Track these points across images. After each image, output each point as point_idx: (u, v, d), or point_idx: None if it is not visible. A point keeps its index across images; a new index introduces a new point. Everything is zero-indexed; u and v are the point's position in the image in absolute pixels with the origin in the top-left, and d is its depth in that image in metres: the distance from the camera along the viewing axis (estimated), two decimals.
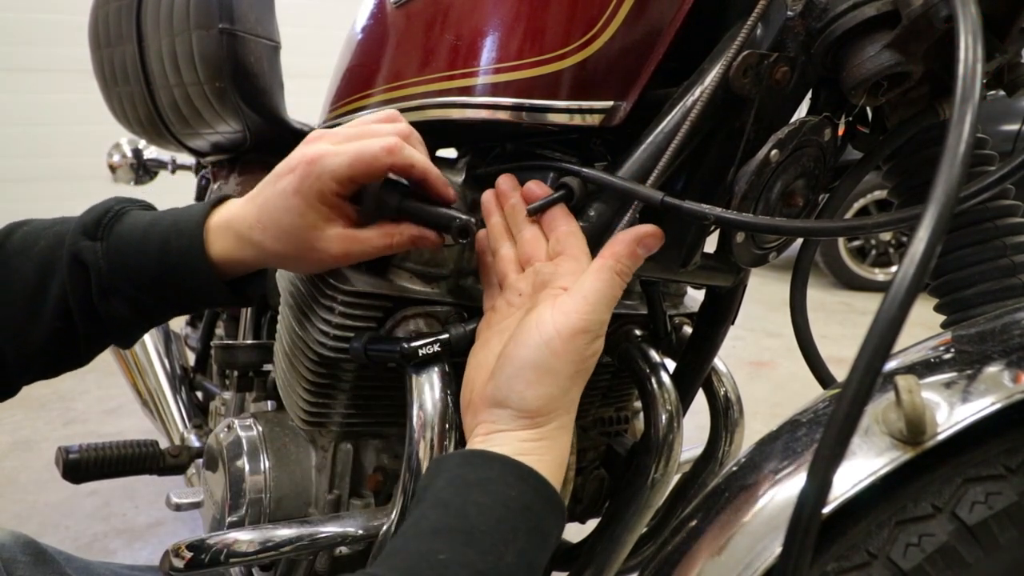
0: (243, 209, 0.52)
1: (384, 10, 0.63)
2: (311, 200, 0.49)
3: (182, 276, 0.51)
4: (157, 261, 0.51)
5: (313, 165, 0.48)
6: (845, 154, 0.57)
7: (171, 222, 0.52)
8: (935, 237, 0.29)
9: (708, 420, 0.80)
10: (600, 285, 0.46)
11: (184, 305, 0.56)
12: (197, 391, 1.34)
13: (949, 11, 0.37)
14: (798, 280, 0.60)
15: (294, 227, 0.49)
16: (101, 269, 0.50)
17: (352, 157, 0.48)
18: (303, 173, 0.49)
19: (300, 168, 0.49)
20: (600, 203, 0.52)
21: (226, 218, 0.52)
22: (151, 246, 0.51)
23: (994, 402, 0.37)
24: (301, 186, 0.49)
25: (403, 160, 0.49)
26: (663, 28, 0.51)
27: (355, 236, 0.51)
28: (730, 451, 0.79)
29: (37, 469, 1.79)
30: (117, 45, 1.10)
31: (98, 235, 0.51)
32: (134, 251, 0.51)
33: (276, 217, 0.50)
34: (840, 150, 0.55)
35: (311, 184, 0.48)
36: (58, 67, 3.93)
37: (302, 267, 0.54)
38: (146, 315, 0.54)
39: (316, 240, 0.50)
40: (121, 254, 0.51)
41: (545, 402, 0.46)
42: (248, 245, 0.51)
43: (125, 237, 0.51)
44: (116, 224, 0.52)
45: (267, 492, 0.64)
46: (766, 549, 0.39)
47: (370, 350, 0.55)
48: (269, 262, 0.53)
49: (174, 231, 0.51)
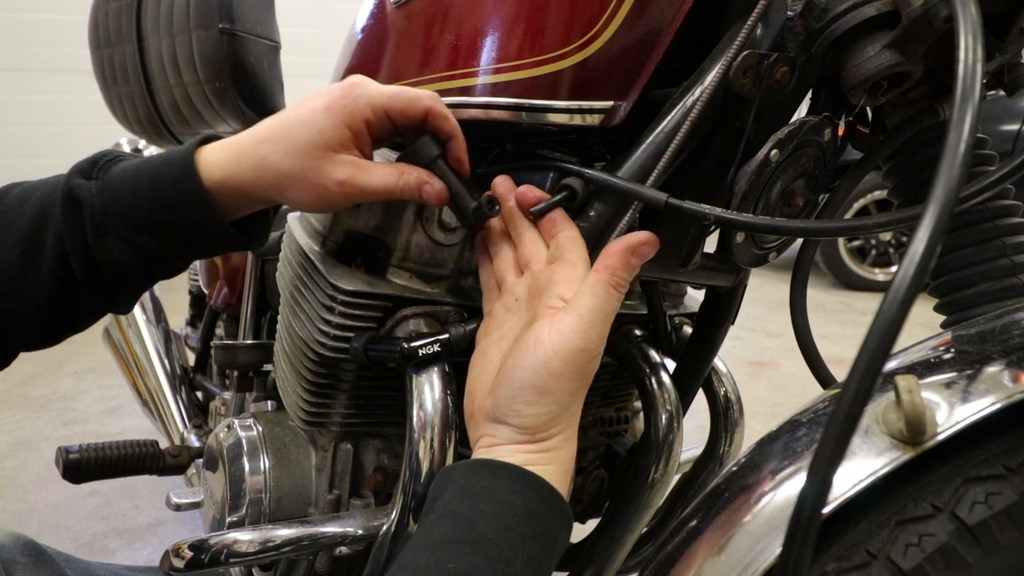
0: (253, 129, 0.50)
1: (384, 10, 0.63)
2: (338, 119, 0.48)
3: (175, 206, 0.48)
4: (150, 194, 0.48)
5: (354, 88, 0.48)
6: (845, 154, 0.57)
7: (164, 156, 0.50)
8: (935, 237, 0.29)
9: (708, 420, 0.80)
10: (596, 301, 0.46)
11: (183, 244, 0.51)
12: (197, 391, 1.34)
13: (949, 11, 0.37)
14: (798, 280, 0.60)
15: (309, 143, 0.48)
16: (95, 207, 0.47)
17: (395, 90, 0.48)
18: (340, 94, 0.48)
19: (338, 89, 0.48)
20: (600, 203, 0.52)
21: (228, 141, 0.50)
22: (143, 179, 0.48)
23: (994, 402, 0.37)
24: (333, 104, 0.48)
25: (441, 109, 0.49)
26: (663, 28, 0.51)
27: (365, 165, 0.50)
28: (730, 451, 0.79)
29: (37, 469, 1.79)
30: (117, 45, 1.10)
31: (93, 174, 0.49)
32: (127, 187, 0.48)
33: (292, 131, 0.48)
34: (840, 150, 0.55)
35: (345, 104, 0.48)
36: (58, 67, 3.93)
37: (298, 193, 0.50)
38: (145, 260, 0.50)
39: (325, 161, 0.48)
40: (114, 191, 0.48)
41: (545, 420, 0.45)
42: (248, 160, 0.49)
43: (119, 175, 0.49)
44: (113, 165, 0.50)
45: (267, 492, 0.64)
46: (766, 549, 0.39)
47: (370, 350, 0.55)
48: (265, 183, 0.49)
49: (165, 161, 0.49)
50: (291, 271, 0.63)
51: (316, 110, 0.48)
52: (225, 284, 1.14)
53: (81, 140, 3.82)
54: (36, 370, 2.48)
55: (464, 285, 0.61)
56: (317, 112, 0.48)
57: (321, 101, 0.48)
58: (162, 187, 0.48)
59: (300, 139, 0.48)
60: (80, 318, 0.52)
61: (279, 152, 0.48)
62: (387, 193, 0.50)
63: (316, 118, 0.48)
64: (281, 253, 0.69)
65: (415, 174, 0.50)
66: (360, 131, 0.49)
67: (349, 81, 0.49)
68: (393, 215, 0.58)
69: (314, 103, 0.49)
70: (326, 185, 0.49)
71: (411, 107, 0.49)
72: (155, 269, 0.52)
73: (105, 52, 1.14)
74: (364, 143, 0.50)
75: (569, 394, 0.46)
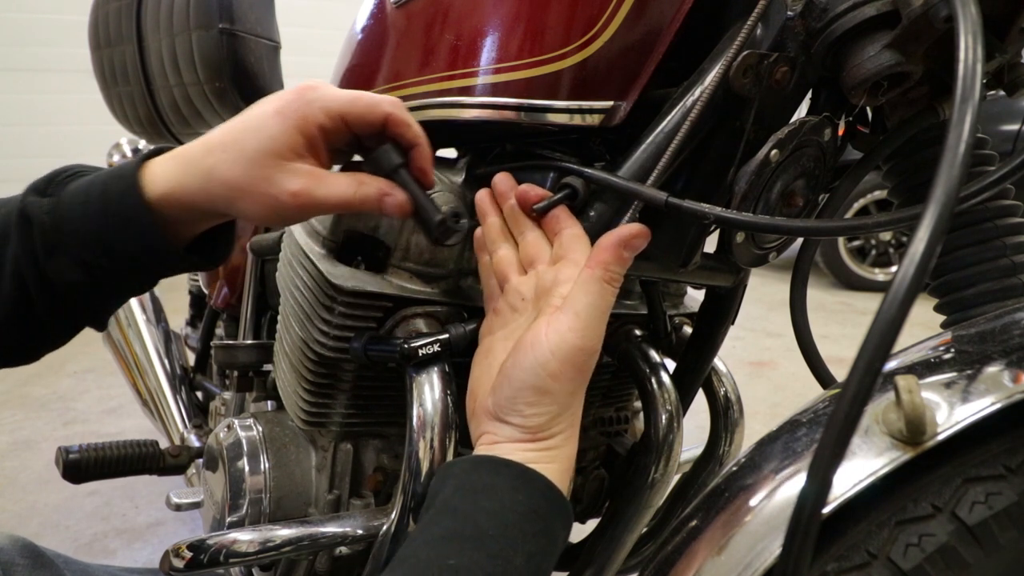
0: (204, 136, 0.46)
1: (384, 10, 0.63)
2: (290, 124, 0.44)
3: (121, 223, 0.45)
4: (98, 211, 0.45)
5: (308, 91, 0.45)
6: (845, 154, 0.57)
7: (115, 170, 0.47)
8: (935, 237, 0.29)
9: (708, 420, 0.80)
10: (590, 299, 0.45)
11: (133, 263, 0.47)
12: (197, 391, 1.34)
13: (949, 11, 0.37)
14: (798, 280, 0.60)
15: (258, 150, 0.44)
16: (45, 224, 0.45)
17: (353, 95, 0.46)
18: (293, 97, 0.45)
19: (291, 93, 0.45)
20: (600, 203, 0.52)
21: (180, 150, 0.47)
22: (93, 195, 0.46)
23: (994, 402, 0.37)
24: (285, 108, 0.44)
25: (402, 115, 0.47)
26: (663, 28, 0.51)
27: (320, 175, 0.46)
28: (730, 451, 0.79)
29: (37, 469, 1.79)
30: (117, 45, 1.10)
31: (48, 191, 0.46)
32: (78, 204, 0.45)
33: (242, 137, 0.45)
34: (840, 150, 0.55)
35: (298, 108, 0.44)
36: (58, 67, 3.93)
37: (249, 206, 0.46)
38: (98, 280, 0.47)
39: (276, 170, 0.45)
40: (65, 208, 0.45)
41: (546, 420, 0.45)
42: (195, 171, 0.45)
43: (72, 191, 0.46)
44: (71, 182, 0.47)
45: (267, 492, 0.64)
46: (766, 549, 0.39)
47: (370, 350, 0.55)
48: (214, 195, 0.45)
49: (115, 174, 0.46)
50: (291, 271, 0.63)
51: (267, 114, 0.45)
52: (225, 284, 1.14)
53: (81, 140, 3.84)
54: (36, 370, 2.48)
55: (464, 285, 0.61)
56: (268, 117, 0.45)
57: (272, 105, 0.45)
58: (109, 202, 0.45)
59: (249, 147, 0.45)
60: (48, 336, 0.49)
61: (227, 161, 0.45)
62: (345, 205, 0.47)
63: (266, 123, 0.45)
64: (281, 253, 0.69)
65: (375, 185, 0.48)
66: (314, 137, 0.46)
67: (304, 84, 0.46)
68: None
69: (265, 107, 0.45)
70: (278, 196, 0.45)
71: (370, 113, 0.46)
72: (111, 289, 0.49)
73: (105, 52, 1.14)
74: (319, 151, 0.47)
75: (569, 393, 0.46)
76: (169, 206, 0.46)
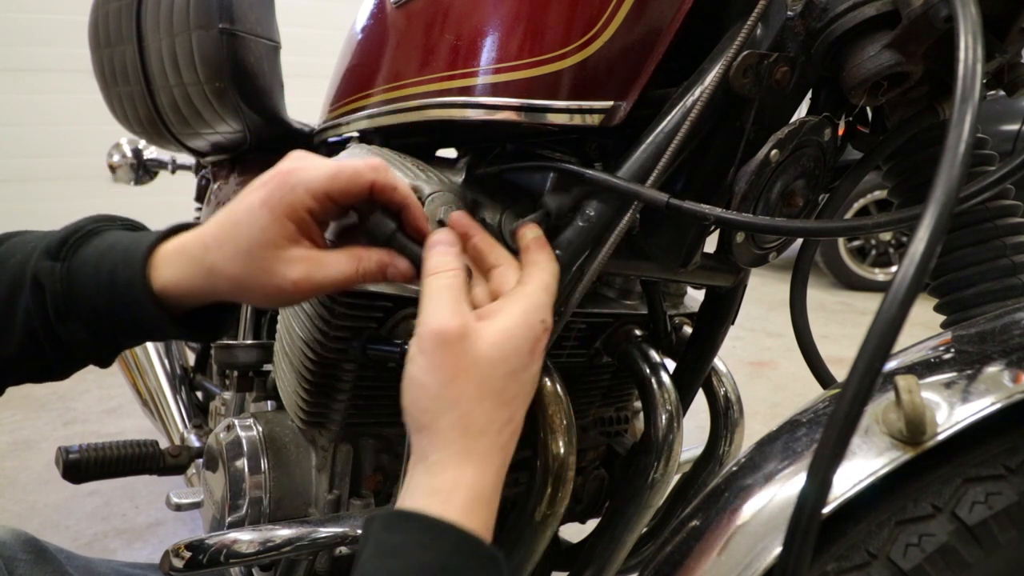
0: (201, 229, 0.48)
1: (384, 10, 0.63)
2: (278, 213, 0.45)
3: (128, 306, 0.47)
4: (107, 290, 0.47)
5: (289, 176, 0.45)
6: (845, 154, 0.57)
7: (124, 248, 0.48)
8: (935, 237, 0.29)
9: (708, 420, 0.80)
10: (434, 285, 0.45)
11: (140, 336, 0.51)
12: (197, 391, 1.34)
13: (949, 11, 0.37)
14: (798, 280, 0.60)
15: (252, 243, 0.45)
16: (57, 292, 0.47)
17: (333, 170, 0.45)
18: (276, 184, 0.45)
19: (273, 180, 0.45)
20: (600, 203, 0.52)
21: (182, 242, 0.48)
22: (103, 273, 0.47)
23: (994, 402, 0.37)
24: (271, 197, 0.45)
25: (386, 180, 0.47)
26: (663, 28, 0.51)
27: (318, 258, 0.47)
28: (730, 451, 0.79)
29: (37, 469, 1.79)
30: (117, 45, 1.10)
31: (60, 255, 0.48)
32: (89, 277, 0.47)
33: (235, 232, 0.45)
34: (840, 150, 0.55)
35: (283, 196, 0.45)
36: (58, 67, 3.93)
37: (255, 297, 0.48)
38: (107, 341, 0.50)
39: (274, 261, 0.45)
40: (76, 278, 0.47)
41: (414, 414, 0.43)
42: (199, 269, 0.47)
43: (84, 259, 0.48)
44: (82, 245, 0.48)
45: (267, 492, 0.64)
46: (766, 549, 0.39)
47: (370, 350, 0.55)
48: (219, 289, 0.47)
49: (123, 258, 0.47)
50: None
51: (254, 207, 0.45)
52: None
53: (81, 140, 3.84)
54: None
55: None
56: (255, 209, 0.45)
57: (258, 195, 0.45)
58: (117, 285, 0.47)
59: (244, 240, 0.45)
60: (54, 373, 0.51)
61: (226, 258, 0.46)
62: (348, 283, 0.48)
63: (255, 216, 0.45)
64: None
65: (374, 258, 0.48)
66: (304, 220, 0.46)
67: (284, 168, 0.46)
68: None
69: (251, 198, 0.46)
70: (280, 286, 0.46)
71: (353, 185, 0.46)
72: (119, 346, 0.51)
73: (105, 52, 1.14)
74: (313, 232, 0.47)
75: (439, 384, 0.42)
76: (175, 295, 0.47)
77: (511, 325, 0.44)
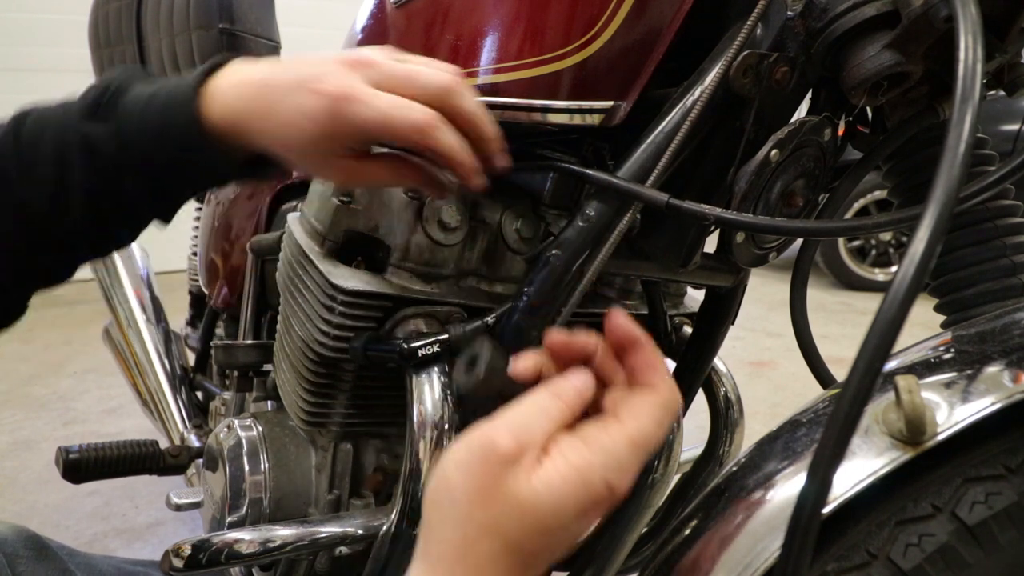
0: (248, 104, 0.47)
1: (384, 10, 0.63)
2: (326, 132, 0.45)
3: (183, 152, 0.49)
4: (157, 138, 0.48)
5: (342, 103, 0.44)
6: (845, 154, 0.57)
7: (169, 92, 0.48)
8: (935, 237, 0.29)
9: (708, 420, 0.80)
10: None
11: (196, 180, 0.53)
12: (197, 391, 1.34)
13: (949, 11, 0.37)
14: (798, 280, 0.60)
15: (300, 143, 0.46)
16: (110, 152, 0.48)
17: (382, 119, 0.44)
18: (329, 108, 0.45)
19: (328, 101, 0.45)
20: (600, 203, 0.52)
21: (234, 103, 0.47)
22: (150, 124, 0.48)
23: (994, 402, 0.37)
24: (320, 117, 0.45)
25: (431, 143, 0.46)
26: (663, 28, 0.51)
27: (357, 168, 0.49)
28: (730, 451, 0.79)
29: (37, 469, 1.79)
30: (117, 45, 1.10)
31: (102, 114, 0.48)
32: (137, 130, 0.48)
33: (284, 133, 0.46)
34: (840, 150, 0.55)
35: (334, 124, 0.45)
36: (58, 67, 3.92)
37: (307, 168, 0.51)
38: (167, 192, 0.52)
39: (321, 163, 0.48)
40: (127, 135, 0.48)
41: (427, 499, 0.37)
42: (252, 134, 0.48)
43: (128, 115, 0.48)
44: (119, 100, 0.48)
45: (267, 492, 0.64)
46: (766, 549, 0.39)
47: (370, 350, 0.55)
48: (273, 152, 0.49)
49: (170, 102, 0.48)
50: (291, 271, 0.63)
51: (303, 114, 0.45)
52: (225, 284, 1.14)
53: None
54: (36, 370, 2.48)
55: (464, 285, 0.61)
56: (304, 118, 0.45)
57: (312, 108, 0.45)
58: (169, 135, 0.48)
59: (293, 139, 0.47)
60: (127, 236, 0.54)
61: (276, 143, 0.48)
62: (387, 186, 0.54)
63: (302, 124, 0.46)
64: (281, 253, 0.69)
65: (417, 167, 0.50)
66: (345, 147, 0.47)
67: (341, 91, 0.45)
68: (393, 215, 0.58)
69: (305, 105, 0.45)
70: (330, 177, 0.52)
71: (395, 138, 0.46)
72: (179, 197, 0.53)
73: (105, 52, 1.14)
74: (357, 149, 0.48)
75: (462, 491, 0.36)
76: (231, 139, 0.48)
77: (568, 475, 0.35)
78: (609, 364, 0.43)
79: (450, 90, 0.46)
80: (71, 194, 0.48)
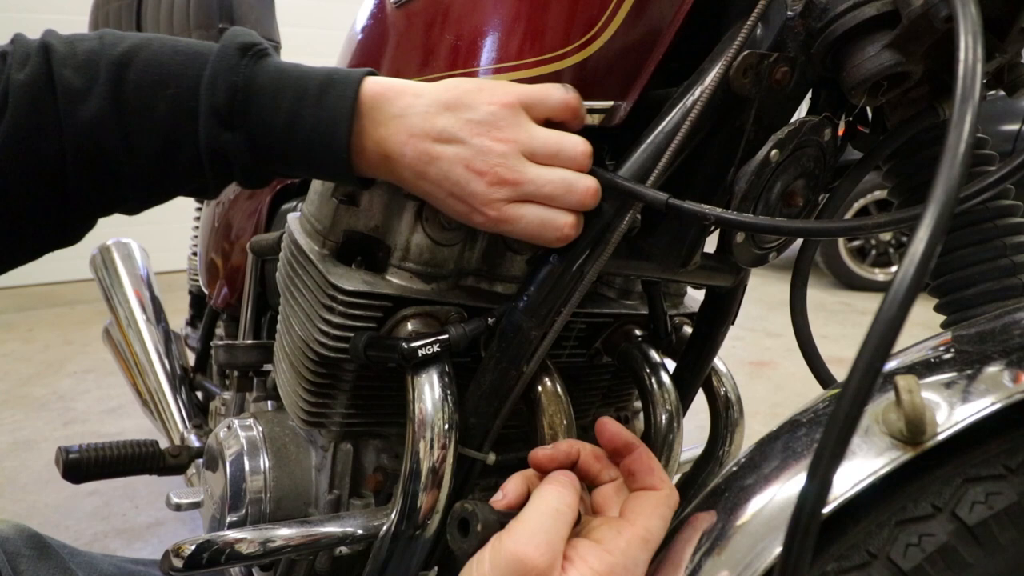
0: (404, 153, 0.47)
1: (384, 10, 0.63)
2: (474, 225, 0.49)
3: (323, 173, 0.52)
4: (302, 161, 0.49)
5: (499, 225, 0.48)
6: (845, 154, 0.57)
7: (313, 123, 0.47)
8: (935, 237, 0.29)
9: (708, 420, 0.80)
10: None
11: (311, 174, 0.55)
12: (197, 391, 1.34)
13: (949, 11, 0.37)
14: (798, 280, 0.60)
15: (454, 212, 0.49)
16: (246, 163, 0.49)
17: (529, 236, 0.48)
18: (485, 224, 0.48)
19: (484, 219, 0.48)
20: (600, 203, 0.52)
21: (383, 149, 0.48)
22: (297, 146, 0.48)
23: (994, 402, 0.37)
24: (473, 221, 0.48)
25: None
26: (663, 28, 0.51)
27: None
28: (730, 451, 0.79)
29: (37, 469, 1.79)
30: None
31: (234, 123, 0.47)
32: (277, 151, 0.48)
33: (437, 204, 0.50)
34: (840, 150, 0.55)
35: (484, 227, 0.48)
36: None
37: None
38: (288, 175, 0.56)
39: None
40: (263, 151, 0.48)
41: None
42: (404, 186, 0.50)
43: (267, 124, 0.47)
44: (250, 108, 0.47)
45: (267, 492, 0.64)
46: (766, 549, 0.39)
47: (370, 350, 0.55)
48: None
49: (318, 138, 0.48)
50: (291, 271, 0.63)
51: (458, 213, 0.48)
52: (225, 284, 1.14)
53: None
54: (36, 370, 2.48)
55: (464, 285, 0.61)
56: (459, 215, 0.49)
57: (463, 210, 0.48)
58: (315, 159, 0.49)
59: (450, 208, 0.49)
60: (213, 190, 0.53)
61: (428, 197, 0.50)
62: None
63: (458, 213, 0.48)
64: (281, 253, 0.69)
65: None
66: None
67: (511, 176, 0.46)
68: (393, 215, 0.58)
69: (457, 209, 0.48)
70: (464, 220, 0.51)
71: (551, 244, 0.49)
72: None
73: None
74: None
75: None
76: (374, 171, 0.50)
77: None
78: (594, 466, 0.48)
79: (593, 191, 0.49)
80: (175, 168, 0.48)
